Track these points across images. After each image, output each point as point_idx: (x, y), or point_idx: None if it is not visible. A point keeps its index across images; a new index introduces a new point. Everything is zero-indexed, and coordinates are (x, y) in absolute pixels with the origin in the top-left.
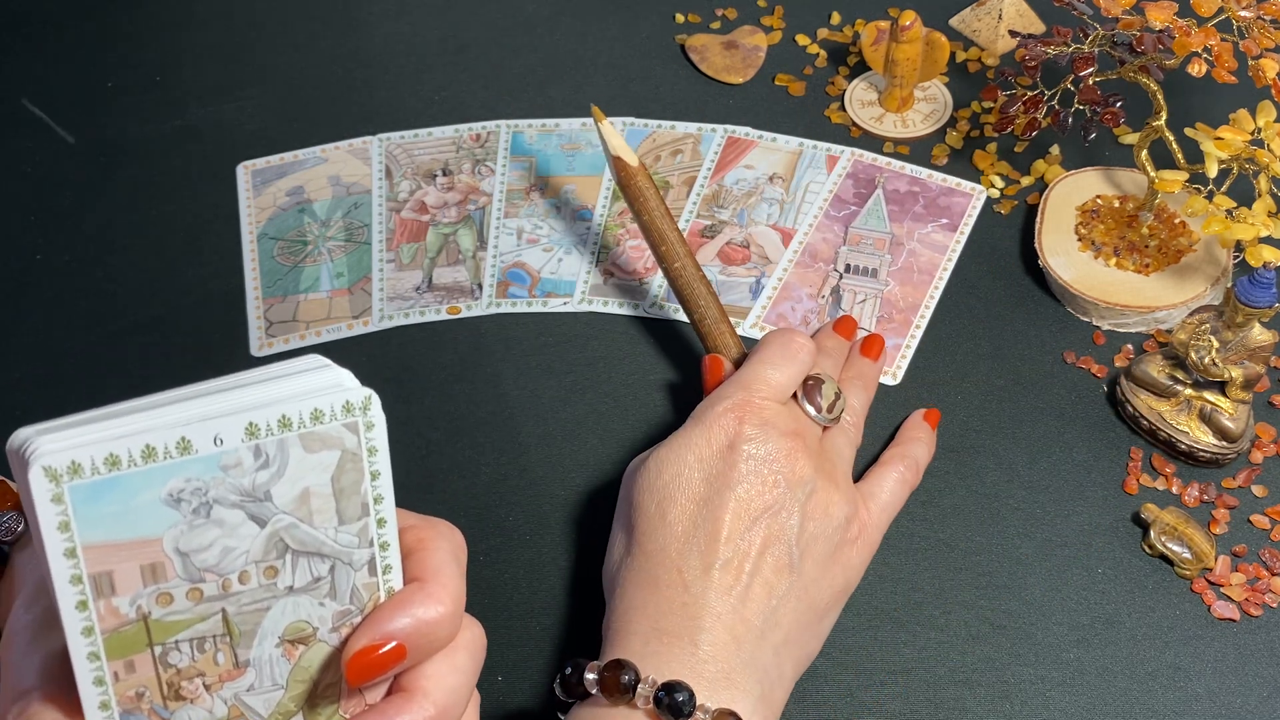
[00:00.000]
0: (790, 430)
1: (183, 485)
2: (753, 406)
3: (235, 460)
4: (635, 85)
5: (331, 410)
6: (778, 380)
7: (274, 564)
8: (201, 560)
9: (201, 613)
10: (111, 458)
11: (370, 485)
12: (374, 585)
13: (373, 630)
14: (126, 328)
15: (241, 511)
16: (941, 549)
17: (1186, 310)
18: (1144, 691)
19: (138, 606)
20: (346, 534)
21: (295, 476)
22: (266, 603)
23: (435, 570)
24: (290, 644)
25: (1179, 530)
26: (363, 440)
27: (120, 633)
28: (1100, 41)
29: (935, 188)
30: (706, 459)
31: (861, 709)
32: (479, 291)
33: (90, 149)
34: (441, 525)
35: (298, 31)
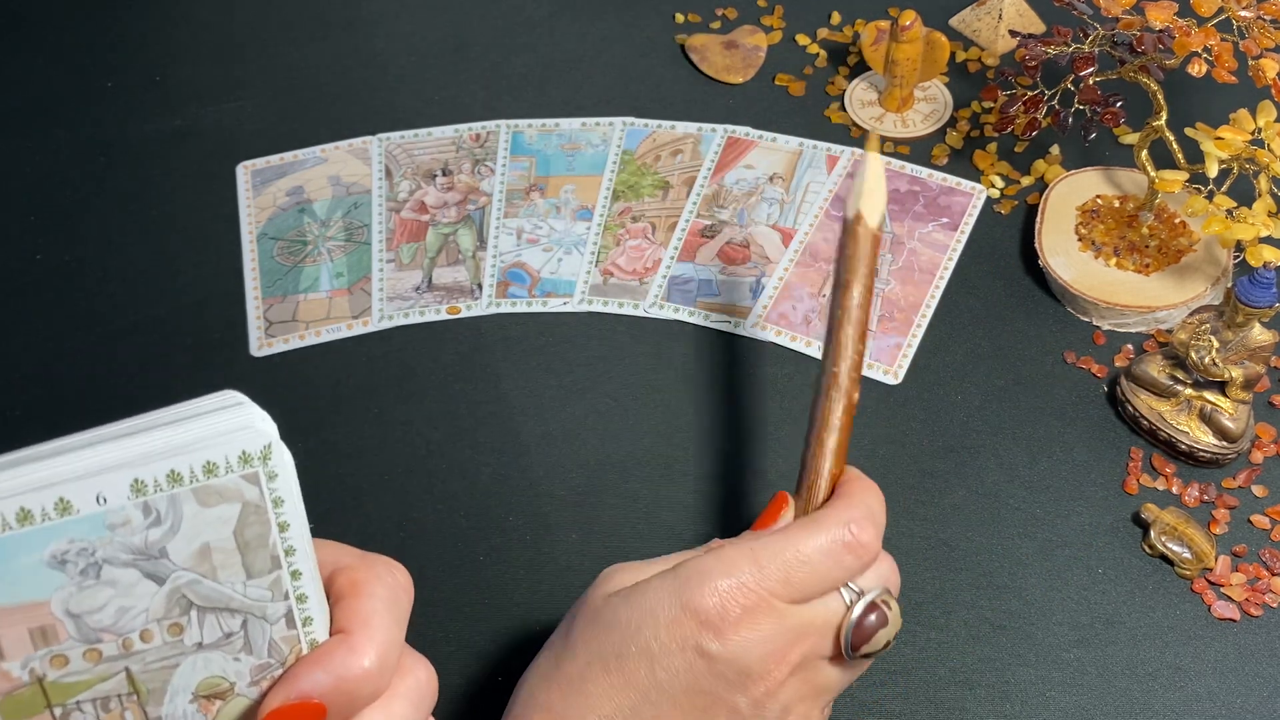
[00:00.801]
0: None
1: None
2: (751, 601)
3: (123, 519)
4: (635, 85)
5: (226, 462)
6: (809, 583)
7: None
8: (96, 621)
9: (102, 673)
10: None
11: (279, 537)
12: (294, 638)
13: (288, 688)
14: (126, 328)
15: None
16: (941, 549)
17: (1186, 310)
18: (1144, 691)
19: (30, 669)
20: (257, 588)
21: (191, 533)
22: (175, 659)
23: (364, 619)
24: (205, 699)
25: (1179, 530)
26: (265, 491)
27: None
28: (1100, 41)
29: (935, 187)
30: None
31: (861, 709)
32: (479, 291)
33: (90, 149)
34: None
35: (298, 31)
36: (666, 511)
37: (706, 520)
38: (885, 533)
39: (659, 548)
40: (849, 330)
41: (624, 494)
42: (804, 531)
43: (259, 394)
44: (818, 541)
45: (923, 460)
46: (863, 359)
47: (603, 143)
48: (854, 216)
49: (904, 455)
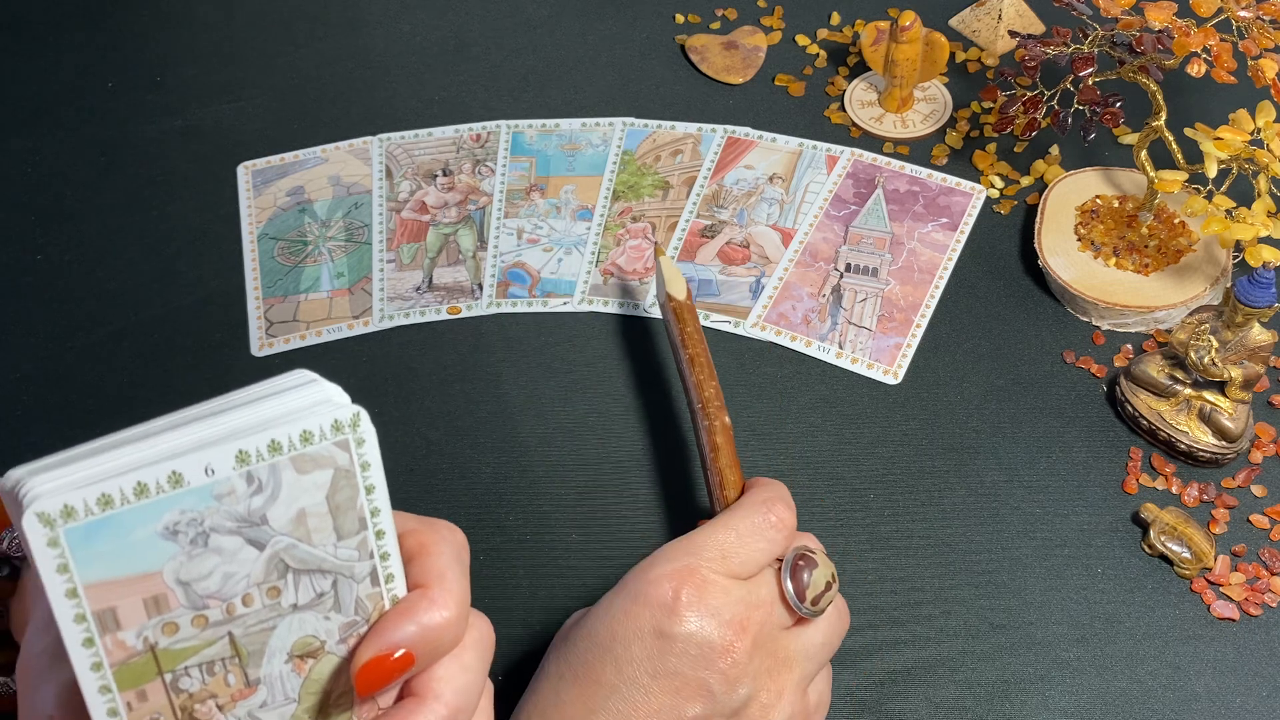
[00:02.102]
0: (736, 620)
1: (178, 518)
2: (696, 580)
3: (228, 489)
4: (635, 85)
5: (320, 431)
6: (743, 557)
7: (276, 584)
8: (203, 588)
9: (208, 638)
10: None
11: (366, 499)
12: (378, 595)
13: (379, 640)
14: (126, 328)
15: (239, 537)
16: (941, 549)
17: (1186, 310)
18: (1144, 691)
19: (144, 638)
20: (346, 549)
21: (290, 498)
22: (272, 622)
23: (439, 575)
24: (299, 659)
25: (1179, 530)
26: (354, 457)
27: (129, 664)
28: (1100, 42)
29: (935, 187)
30: (624, 638)
31: (861, 709)
32: (479, 291)
33: (90, 149)
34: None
35: (298, 31)
36: (666, 511)
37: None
38: (885, 532)
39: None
40: (699, 373)
41: (624, 494)
42: (729, 517)
43: None
44: (742, 522)
45: (923, 460)
46: (718, 389)
47: (603, 143)
48: (666, 300)
49: (904, 455)
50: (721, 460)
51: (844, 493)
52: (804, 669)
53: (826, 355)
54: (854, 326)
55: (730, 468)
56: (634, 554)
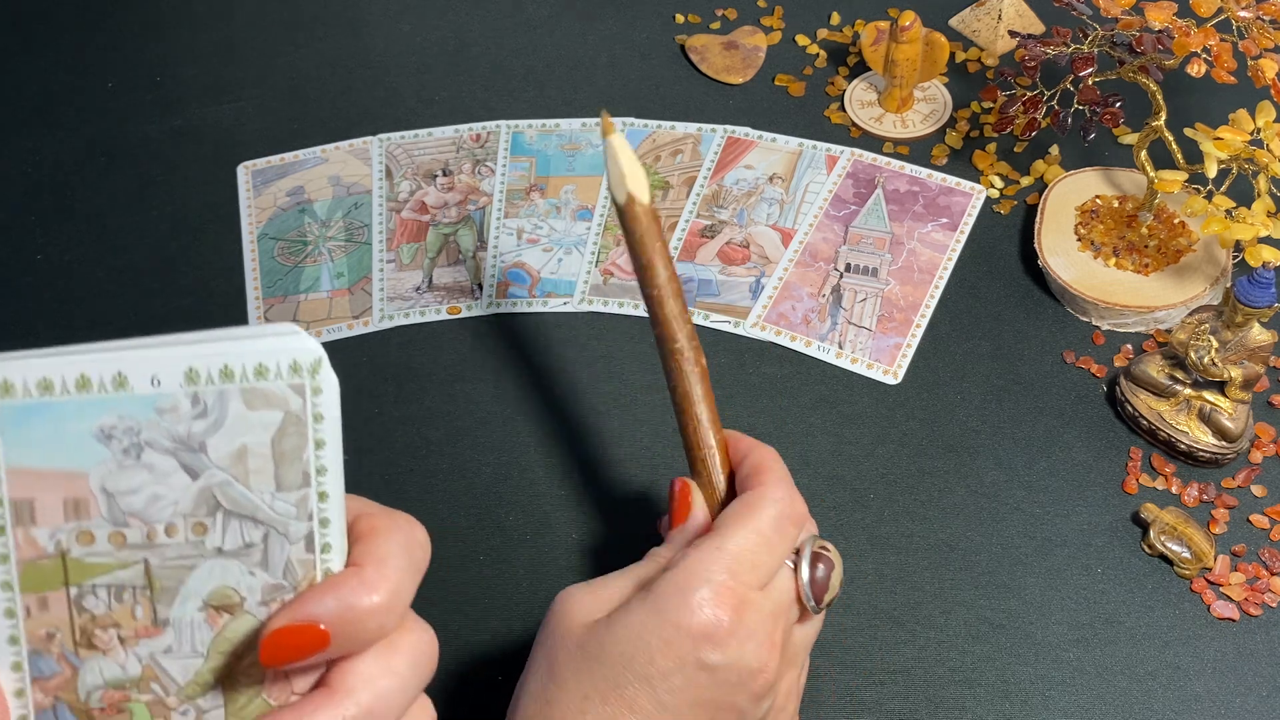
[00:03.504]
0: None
1: (115, 422)
2: (735, 602)
3: (171, 404)
4: (635, 85)
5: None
6: (770, 564)
7: (204, 520)
8: (128, 504)
9: (123, 559)
10: (45, 382)
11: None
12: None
13: (296, 610)
14: (126, 328)
15: (174, 459)
16: (941, 549)
17: (1186, 310)
18: (1144, 691)
19: (57, 541)
20: (284, 502)
21: (233, 432)
22: (192, 560)
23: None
24: (214, 610)
25: (1179, 530)
26: (309, 404)
27: (36, 564)
28: (1100, 42)
29: (935, 187)
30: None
31: (861, 709)
32: (479, 291)
33: (90, 149)
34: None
35: (298, 31)
36: (666, 511)
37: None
38: (885, 532)
39: None
40: (671, 305)
41: (624, 494)
42: (752, 515)
43: None
44: (764, 522)
45: (923, 460)
46: (693, 327)
47: (603, 143)
48: (626, 200)
49: (904, 455)
50: (703, 413)
51: (844, 493)
52: (804, 663)
53: (826, 355)
54: (854, 326)
55: (714, 422)
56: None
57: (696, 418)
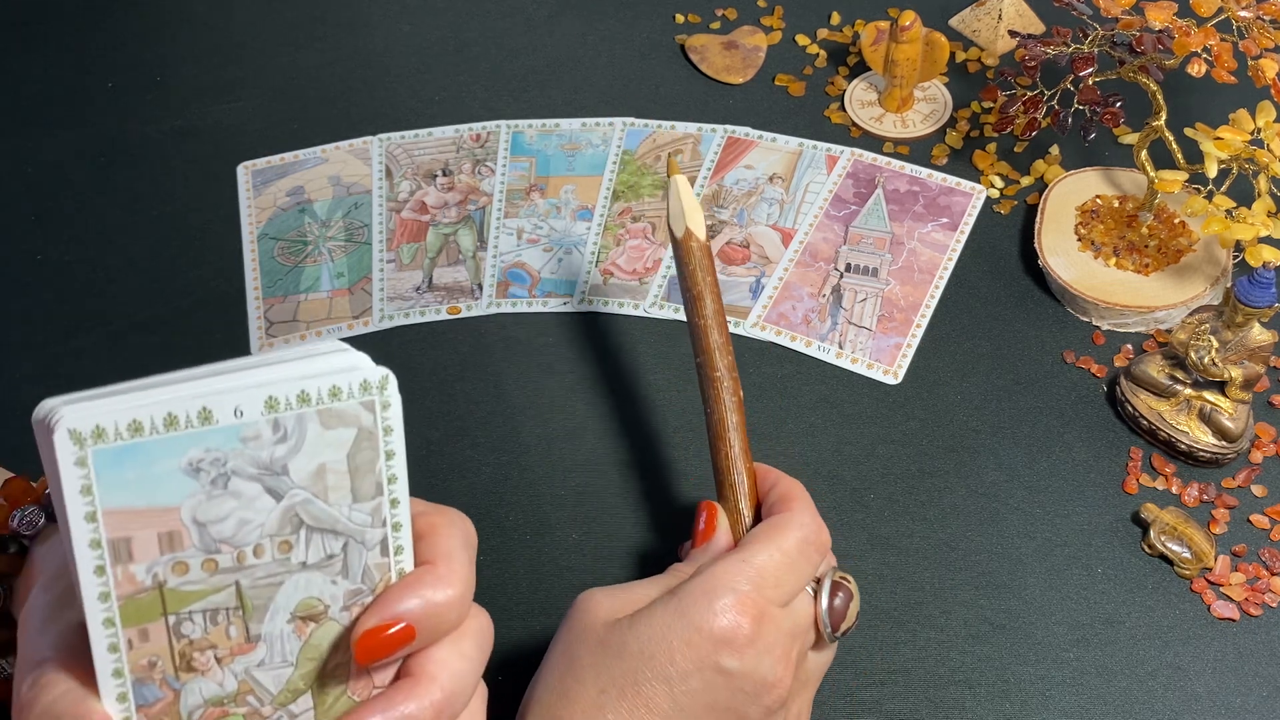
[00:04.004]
0: (785, 655)
1: (202, 455)
2: (756, 613)
3: (255, 433)
4: (635, 85)
5: (349, 388)
6: (792, 584)
7: (288, 539)
8: (218, 531)
9: (216, 584)
10: (135, 424)
11: (385, 464)
12: (385, 565)
13: (383, 610)
14: (126, 328)
15: (259, 484)
16: (941, 549)
17: (1186, 310)
18: (1144, 691)
19: (154, 574)
20: (360, 512)
21: (312, 452)
22: (280, 577)
23: (446, 555)
24: (301, 620)
25: (1179, 530)
26: (379, 419)
27: (136, 599)
28: (1100, 41)
29: (935, 187)
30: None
31: (861, 709)
32: (479, 291)
33: (90, 149)
34: (453, 513)
35: (298, 32)
36: (666, 511)
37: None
38: (885, 532)
39: (658, 548)
40: (716, 335)
41: (624, 494)
42: (778, 536)
43: None
44: (790, 544)
45: (923, 460)
46: (734, 359)
47: (603, 143)
48: (684, 234)
49: (904, 455)
50: (736, 441)
51: (844, 493)
52: (815, 687)
53: (826, 355)
54: (854, 326)
55: (745, 452)
56: (634, 554)
57: (730, 444)
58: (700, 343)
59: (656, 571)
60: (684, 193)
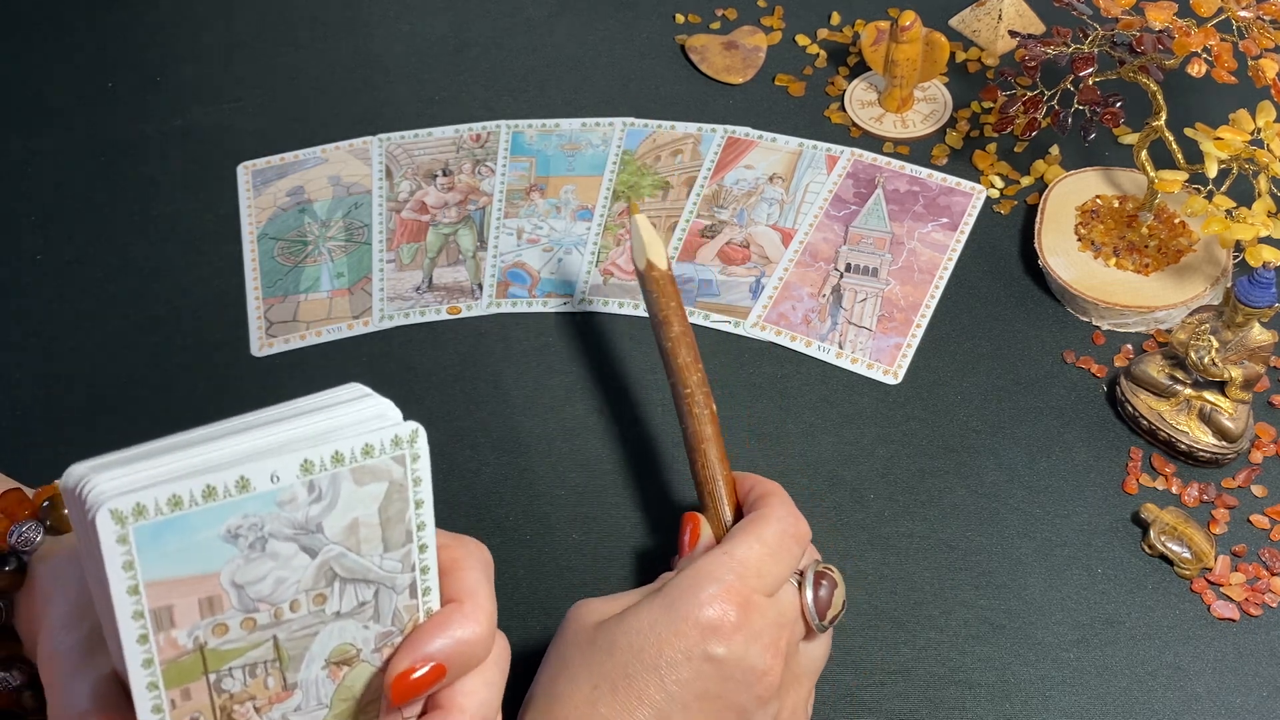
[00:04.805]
0: (773, 642)
1: (240, 522)
2: (741, 601)
3: (290, 496)
4: (635, 85)
5: (381, 445)
6: (775, 573)
7: (323, 591)
8: (256, 591)
9: (254, 640)
10: (174, 499)
11: (414, 513)
12: (414, 607)
13: (414, 652)
14: (126, 328)
15: (295, 544)
16: (941, 549)
17: (1186, 310)
18: (1144, 691)
19: (195, 638)
20: (391, 560)
21: (346, 508)
22: (315, 628)
23: (470, 591)
24: (335, 665)
25: (1179, 530)
26: (409, 471)
27: (178, 663)
28: (1100, 42)
29: (935, 187)
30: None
31: (861, 709)
32: (479, 291)
33: (90, 149)
34: (471, 544)
35: (298, 31)
36: (666, 511)
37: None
38: (885, 532)
39: (658, 548)
40: (683, 355)
41: (624, 494)
42: (757, 529)
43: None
44: (770, 535)
45: (923, 460)
46: (704, 374)
47: (603, 143)
48: (645, 266)
49: (904, 455)
50: (712, 452)
51: (844, 493)
52: (811, 682)
53: (826, 355)
54: (854, 326)
55: (721, 460)
56: (634, 554)
57: (705, 455)
58: (669, 364)
59: (656, 569)
60: (644, 229)
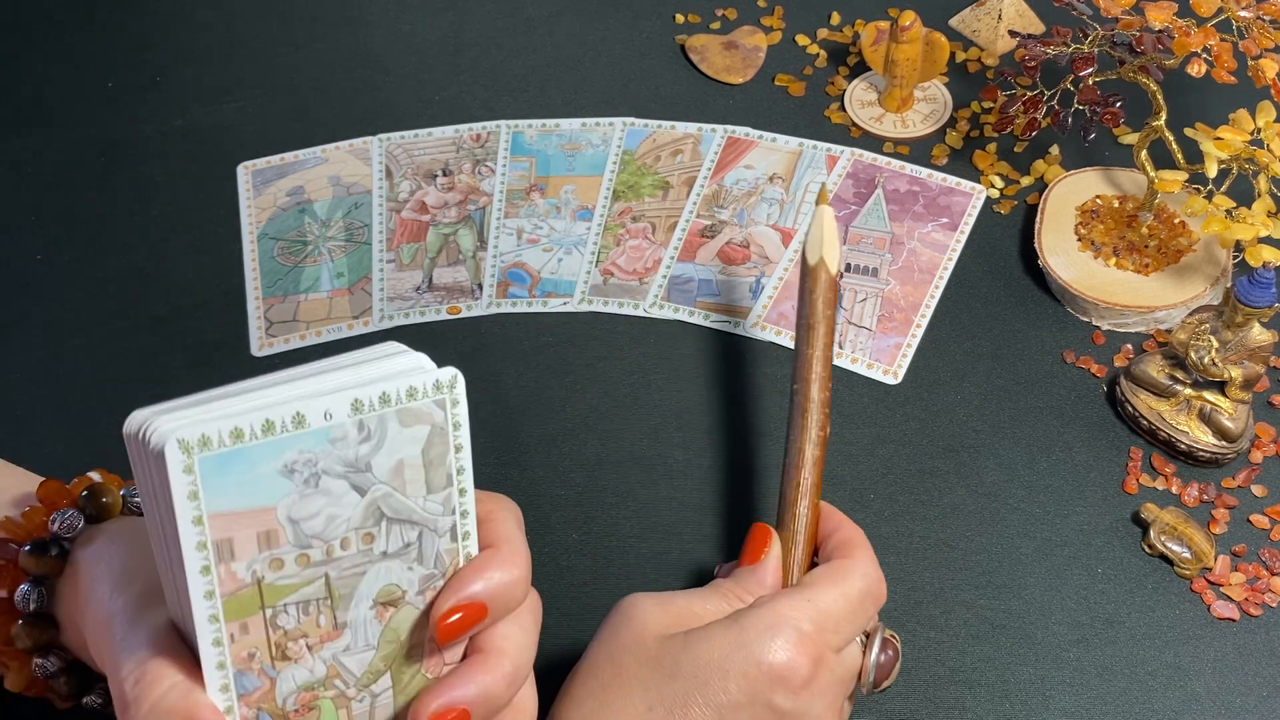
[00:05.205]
0: (835, 703)
1: (296, 457)
2: (816, 656)
3: (342, 434)
4: (635, 85)
5: (424, 388)
6: (849, 632)
7: (371, 530)
8: (310, 527)
9: (308, 577)
10: (236, 431)
11: (454, 457)
12: (455, 551)
13: (458, 593)
14: (126, 328)
15: (345, 482)
16: (941, 549)
17: (1186, 310)
18: (1144, 691)
19: (253, 571)
20: (433, 502)
21: (392, 449)
22: (363, 567)
23: (506, 538)
24: (382, 606)
25: (1179, 530)
26: (449, 415)
27: (237, 596)
28: (1100, 41)
29: (935, 187)
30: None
31: (862, 709)
32: (479, 291)
33: (90, 149)
34: (503, 499)
35: (298, 31)
36: (666, 511)
37: (706, 520)
38: (885, 532)
39: (658, 548)
40: (820, 369)
41: (624, 494)
42: (842, 582)
43: None
44: (854, 590)
45: (923, 460)
46: (830, 395)
47: (603, 143)
48: (817, 262)
49: (904, 455)
50: (811, 474)
51: (844, 493)
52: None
53: None
54: (854, 326)
55: (816, 486)
56: (634, 554)
57: (804, 477)
58: (802, 371)
59: (655, 572)
60: (827, 225)
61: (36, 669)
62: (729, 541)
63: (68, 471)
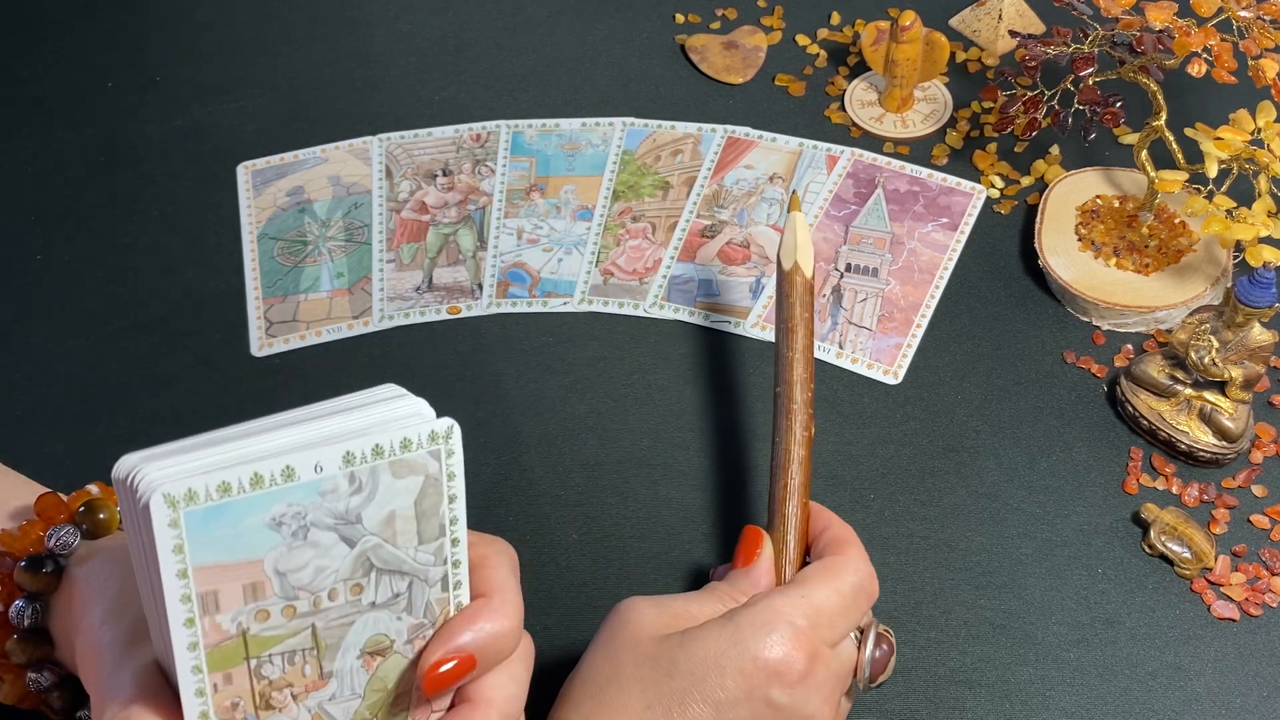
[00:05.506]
0: (831, 697)
1: (285, 510)
2: (812, 650)
3: (333, 486)
4: (635, 85)
5: (419, 439)
6: (844, 627)
7: (360, 581)
8: (297, 579)
9: (294, 628)
10: (224, 485)
11: (447, 508)
12: (445, 600)
13: (446, 643)
14: (126, 328)
15: (335, 534)
16: (941, 549)
17: (1186, 310)
18: (1144, 691)
19: (238, 623)
20: (425, 553)
21: (384, 500)
22: (351, 617)
23: (498, 586)
24: (369, 655)
25: (1179, 530)
26: (444, 466)
27: (221, 647)
28: (1100, 41)
29: (935, 187)
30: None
31: (861, 709)
32: (479, 291)
33: (90, 149)
34: (499, 543)
35: (298, 31)
36: (666, 511)
37: (705, 520)
38: (885, 532)
39: (658, 548)
40: (800, 370)
41: (624, 494)
42: (834, 577)
43: (259, 394)
44: (847, 586)
45: (923, 460)
46: (813, 395)
47: (603, 143)
48: (791, 267)
49: (904, 455)
50: (797, 475)
51: (844, 493)
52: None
53: (827, 355)
54: (854, 326)
55: (804, 486)
56: (634, 554)
57: (790, 477)
58: (784, 373)
59: (655, 572)
60: (800, 229)
61: (31, 683)
62: (729, 541)
63: (67, 472)
